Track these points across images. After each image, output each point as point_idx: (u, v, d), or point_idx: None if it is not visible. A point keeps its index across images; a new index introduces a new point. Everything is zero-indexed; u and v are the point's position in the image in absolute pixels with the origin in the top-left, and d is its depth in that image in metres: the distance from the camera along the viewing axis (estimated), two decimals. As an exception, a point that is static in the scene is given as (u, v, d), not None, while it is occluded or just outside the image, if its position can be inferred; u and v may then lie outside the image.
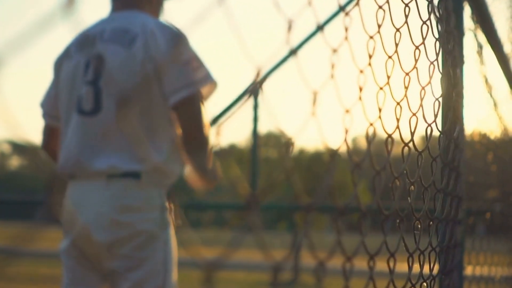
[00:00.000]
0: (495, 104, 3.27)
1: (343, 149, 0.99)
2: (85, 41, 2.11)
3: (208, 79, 2.06)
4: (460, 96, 1.83)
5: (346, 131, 1.00)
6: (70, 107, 2.09)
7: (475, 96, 3.05)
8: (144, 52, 2.00)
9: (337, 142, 1.07)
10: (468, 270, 2.53)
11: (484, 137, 3.07)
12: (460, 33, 2.15)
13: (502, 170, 3.32)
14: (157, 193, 2.02)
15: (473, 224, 2.66)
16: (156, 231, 1.99)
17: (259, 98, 5.77)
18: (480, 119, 3.08)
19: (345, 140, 1.00)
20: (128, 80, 2.00)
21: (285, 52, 0.89)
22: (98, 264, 2.02)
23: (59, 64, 2.17)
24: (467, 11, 2.64)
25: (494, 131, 3.31)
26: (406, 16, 1.29)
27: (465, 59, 2.61)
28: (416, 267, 1.50)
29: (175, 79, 2.00)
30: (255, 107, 5.76)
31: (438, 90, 1.51)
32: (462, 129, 1.98)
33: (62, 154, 2.08)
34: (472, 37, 2.89)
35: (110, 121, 2.01)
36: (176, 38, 2.04)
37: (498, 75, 3.35)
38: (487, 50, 3.12)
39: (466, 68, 2.80)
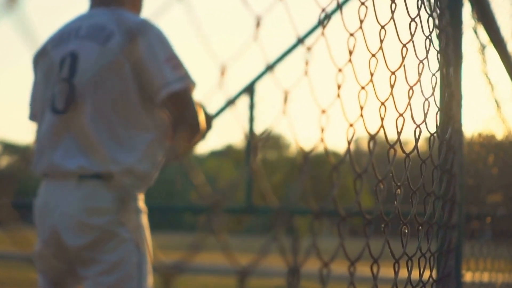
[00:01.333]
0: (497, 105, 3.26)
1: (319, 149, 0.99)
2: (61, 37, 2.12)
3: (189, 77, 2.08)
4: (453, 96, 1.82)
5: (322, 130, 0.99)
6: (44, 105, 2.09)
7: (477, 96, 3.04)
8: (120, 50, 2.00)
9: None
10: (467, 277, 2.53)
11: (485, 138, 3.07)
12: (458, 30, 2.15)
13: (505, 173, 3.32)
14: (132, 195, 2.01)
15: (472, 229, 2.65)
16: (128, 234, 1.98)
17: (255, 97, 5.78)
18: (482, 120, 3.07)
19: (322, 140, 1.00)
20: (103, 78, 2.00)
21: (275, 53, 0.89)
22: (71, 268, 2.02)
23: (36, 61, 2.18)
24: (467, 8, 2.64)
25: (496, 133, 3.30)
26: (392, 12, 1.28)
27: (466, 58, 2.61)
28: (407, 273, 1.50)
29: (160, 75, 2.01)
30: (251, 106, 5.76)
31: (429, 90, 1.50)
32: (457, 131, 1.97)
33: (35, 153, 2.08)
34: (473, 35, 2.89)
35: (82, 121, 2.01)
36: (155, 36, 2.04)
37: (502, 74, 3.34)
38: (490, 48, 3.12)
39: (468, 67, 2.81)
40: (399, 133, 1.31)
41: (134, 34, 2.05)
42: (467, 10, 2.62)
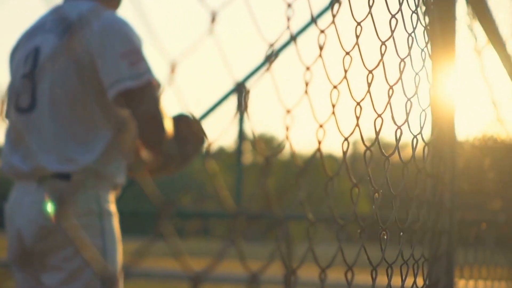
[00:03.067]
0: (495, 106, 3.26)
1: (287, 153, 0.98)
2: (31, 32, 2.11)
3: (149, 74, 2.02)
4: (438, 97, 1.82)
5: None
6: (10, 103, 2.08)
7: (474, 97, 3.04)
8: (78, 43, 1.98)
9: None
10: (461, 284, 2.52)
11: (482, 141, 3.07)
12: (449, 28, 2.13)
13: (503, 178, 3.31)
14: (92, 196, 1.98)
15: (467, 235, 2.65)
16: (90, 239, 1.94)
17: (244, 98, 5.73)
18: (479, 122, 3.07)
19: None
20: (60, 72, 1.98)
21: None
22: (39, 275, 2.00)
23: (11, 57, 2.17)
24: (462, 3, 2.63)
25: (494, 135, 3.30)
26: (370, 7, 1.28)
27: (461, 56, 2.61)
28: (391, 280, 1.49)
29: (114, 71, 1.97)
30: (240, 107, 5.70)
31: (411, 91, 1.50)
32: (447, 133, 1.97)
33: (2, 154, 2.07)
34: (469, 33, 2.88)
35: (42, 118, 1.99)
36: (113, 30, 1.99)
37: (501, 74, 3.33)
38: (488, 47, 3.11)
39: (464, 66, 2.80)
40: (377, 134, 1.31)
41: (79, 27, 2.00)
42: (462, 6, 2.62)
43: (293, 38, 1.02)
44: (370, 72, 1.28)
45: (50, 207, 1.97)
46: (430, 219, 1.99)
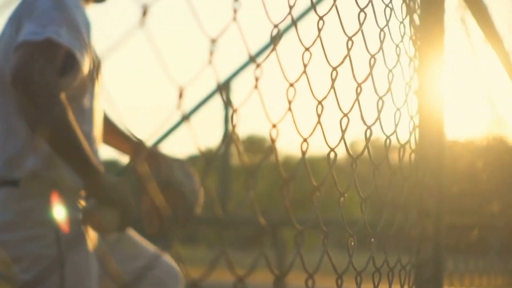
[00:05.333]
0: (491, 105, 3.25)
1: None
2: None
3: (54, 34, 1.77)
4: (425, 99, 1.81)
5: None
6: None
7: (466, 97, 3.03)
8: (10, 26, 1.88)
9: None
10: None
11: (474, 142, 3.06)
12: (437, 20, 2.11)
13: (498, 180, 3.31)
14: (44, 205, 1.86)
15: (456, 241, 2.64)
16: (44, 252, 1.84)
17: (231, 96, 5.73)
18: (471, 123, 3.06)
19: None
20: (2, 65, 1.88)
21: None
22: None
23: None
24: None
25: (491, 135, 3.29)
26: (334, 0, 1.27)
27: (453, 53, 2.60)
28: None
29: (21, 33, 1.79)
30: (226, 106, 5.69)
31: (381, 91, 1.49)
32: (430, 137, 1.96)
33: None
34: (463, 29, 2.87)
35: None
36: (27, 8, 1.85)
37: (498, 71, 3.33)
38: (484, 43, 3.11)
39: (457, 64, 2.79)
40: (343, 134, 1.30)
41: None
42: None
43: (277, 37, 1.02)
44: (334, 69, 1.27)
45: (58, 212, 1.88)
46: (415, 225, 1.99)
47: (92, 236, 1.91)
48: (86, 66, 1.88)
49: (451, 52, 2.46)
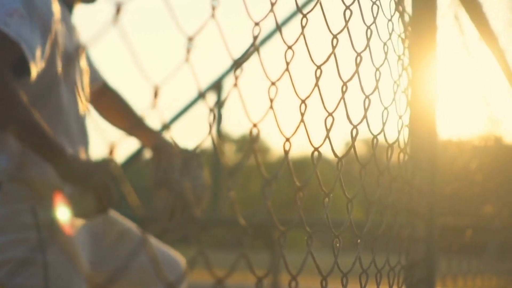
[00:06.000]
0: (487, 104, 3.26)
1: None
2: None
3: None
4: (410, 94, 1.82)
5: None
6: None
7: (463, 93, 3.04)
8: None
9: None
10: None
11: (468, 142, 3.06)
12: (428, 17, 2.11)
13: (494, 181, 3.31)
14: (26, 208, 1.87)
15: (450, 242, 2.64)
16: (30, 256, 1.84)
17: (222, 95, 5.72)
18: (466, 122, 3.07)
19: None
20: None
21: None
22: None
23: None
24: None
25: (487, 135, 3.30)
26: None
27: (446, 51, 2.60)
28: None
29: None
30: (218, 105, 5.69)
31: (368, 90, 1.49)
32: (422, 138, 1.96)
33: None
34: (457, 26, 2.88)
35: None
36: None
37: (492, 68, 3.33)
38: (479, 41, 3.11)
39: (451, 62, 2.80)
40: (327, 133, 1.30)
41: None
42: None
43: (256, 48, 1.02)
44: (319, 67, 1.27)
45: (64, 213, 1.88)
46: (406, 226, 1.99)
47: (72, 229, 1.91)
48: (46, 58, 1.87)
49: (444, 49, 2.46)
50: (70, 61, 1.87)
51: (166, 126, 0.92)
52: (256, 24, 1.08)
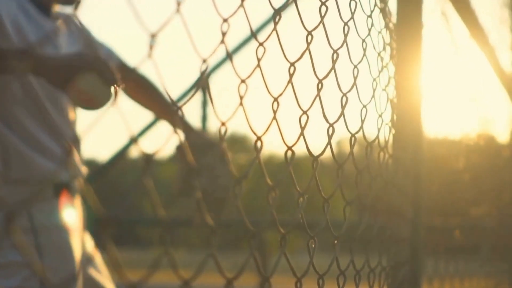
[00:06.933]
0: (477, 103, 3.26)
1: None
2: None
3: None
4: (391, 94, 1.82)
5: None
6: None
7: (452, 92, 3.04)
8: None
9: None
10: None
11: (458, 141, 3.07)
12: (414, 11, 2.11)
13: (483, 181, 3.32)
14: (26, 213, 1.86)
15: (436, 244, 2.65)
16: (25, 260, 1.81)
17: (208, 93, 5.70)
18: (461, 121, 3.07)
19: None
20: None
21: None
22: None
23: None
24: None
25: (470, 134, 3.30)
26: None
27: (433, 48, 2.60)
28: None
29: None
30: (204, 104, 5.69)
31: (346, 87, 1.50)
32: (406, 137, 1.96)
33: None
34: (444, 23, 2.88)
35: None
36: None
37: (482, 66, 3.34)
38: (466, 38, 3.11)
39: (438, 60, 2.80)
40: (302, 131, 1.30)
41: None
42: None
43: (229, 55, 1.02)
44: (292, 64, 1.27)
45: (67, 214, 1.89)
46: (387, 226, 1.99)
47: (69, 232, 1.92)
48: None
49: (431, 47, 2.46)
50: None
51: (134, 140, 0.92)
52: (225, 20, 1.08)
